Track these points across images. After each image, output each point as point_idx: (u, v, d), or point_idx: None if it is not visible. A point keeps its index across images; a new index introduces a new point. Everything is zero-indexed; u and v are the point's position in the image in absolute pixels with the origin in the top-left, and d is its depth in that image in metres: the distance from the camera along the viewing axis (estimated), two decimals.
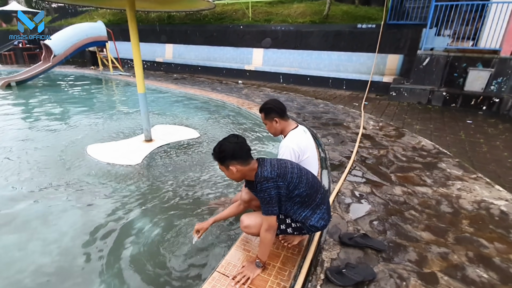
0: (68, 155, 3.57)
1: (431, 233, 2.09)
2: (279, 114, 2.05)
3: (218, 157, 1.61)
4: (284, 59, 9.13)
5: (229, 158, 1.58)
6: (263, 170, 1.57)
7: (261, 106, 2.11)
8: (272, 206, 1.56)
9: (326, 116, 5.26)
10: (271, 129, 2.11)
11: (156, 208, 2.54)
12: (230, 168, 1.59)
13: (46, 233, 2.26)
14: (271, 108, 2.05)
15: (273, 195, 1.54)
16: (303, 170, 1.70)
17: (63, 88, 8.33)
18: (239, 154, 1.58)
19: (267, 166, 1.59)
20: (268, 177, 1.54)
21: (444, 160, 3.42)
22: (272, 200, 1.54)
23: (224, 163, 1.60)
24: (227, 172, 1.64)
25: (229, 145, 1.58)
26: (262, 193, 1.55)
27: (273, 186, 1.54)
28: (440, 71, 6.65)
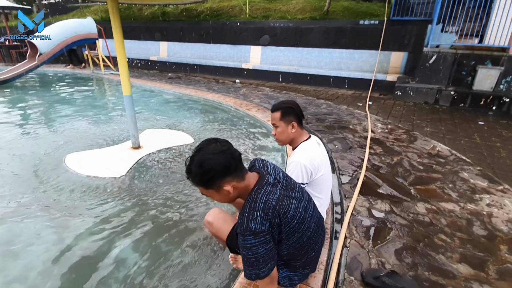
0: (45, 166, 3.17)
1: (468, 265, 1.74)
2: (298, 119, 1.69)
3: (203, 181, 1.11)
4: (283, 57, 8.75)
5: (221, 176, 1.10)
6: (251, 215, 1.07)
7: (278, 104, 1.71)
8: (261, 267, 1.11)
9: (330, 118, 4.90)
10: (283, 134, 1.70)
11: (143, 233, 2.16)
12: (224, 189, 1.11)
13: (9, 268, 1.87)
14: (292, 109, 1.67)
15: (261, 253, 1.08)
16: (308, 215, 1.23)
17: (50, 88, 7.87)
18: (233, 166, 1.11)
19: (259, 207, 1.08)
20: (256, 231, 1.06)
21: (465, 168, 3.08)
22: (259, 260, 1.09)
23: (214, 185, 1.11)
24: (218, 196, 1.15)
25: (214, 159, 1.09)
26: (244, 250, 1.09)
27: (262, 242, 1.07)
28: (448, 69, 6.33)
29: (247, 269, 1.13)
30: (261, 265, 1.10)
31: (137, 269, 1.85)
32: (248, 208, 1.09)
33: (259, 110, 5.29)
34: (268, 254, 1.10)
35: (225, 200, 1.18)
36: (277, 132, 1.73)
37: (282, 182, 1.21)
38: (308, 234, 1.23)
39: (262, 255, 1.09)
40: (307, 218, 1.22)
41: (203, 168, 1.09)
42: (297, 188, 1.26)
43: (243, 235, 1.07)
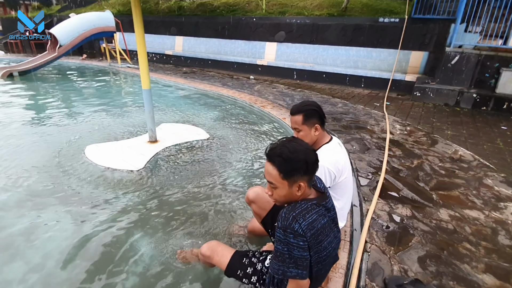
0: (65, 156, 3.25)
1: (493, 276, 1.68)
2: (321, 121, 1.61)
3: (288, 168, 1.07)
4: (298, 54, 8.65)
5: (303, 172, 1.07)
6: (297, 218, 1.06)
7: (299, 106, 1.62)
8: (290, 266, 1.09)
9: (346, 117, 4.82)
10: (306, 138, 1.61)
11: (160, 227, 2.18)
12: (299, 184, 1.08)
13: (30, 254, 1.93)
14: (315, 111, 1.59)
15: (295, 255, 1.07)
16: (333, 251, 1.23)
17: (68, 80, 8.05)
18: (312, 169, 1.10)
19: (307, 219, 1.08)
20: (297, 233, 1.06)
21: (488, 175, 2.97)
22: (291, 259, 1.08)
23: (293, 177, 1.08)
24: (285, 190, 1.10)
25: (307, 153, 1.08)
26: (281, 244, 1.09)
27: (299, 246, 1.07)
28: (470, 70, 6.10)
29: (276, 263, 1.11)
30: (291, 264, 1.08)
31: (154, 260, 1.87)
32: (299, 211, 1.08)
33: (274, 107, 5.25)
34: (301, 260, 1.08)
35: (286, 197, 1.13)
36: (299, 136, 1.63)
37: (333, 214, 1.21)
38: (326, 269, 1.28)
39: (299, 258, 1.08)
40: (332, 254, 1.21)
41: (295, 156, 1.06)
42: (337, 227, 1.26)
43: (284, 230, 1.06)
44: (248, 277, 1.41)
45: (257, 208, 1.65)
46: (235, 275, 1.45)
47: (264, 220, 1.63)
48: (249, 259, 1.46)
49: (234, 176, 2.99)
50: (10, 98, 5.74)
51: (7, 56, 12.12)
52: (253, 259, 1.46)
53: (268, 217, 1.62)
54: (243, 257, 1.47)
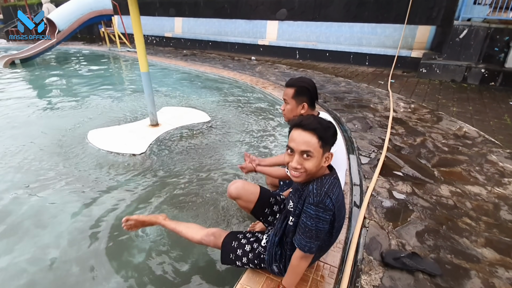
0: (68, 141, 3.28)
1: (494, 250, 1.69)
2: (311, 101, 1.61)
3: (328, 136, 1.15)
4: (300, 33, 8.40)
5: (332, 143, 1.18)
6: (328, 193, 1.13)
7: (294, 81, 1.62)
8: (315, 242, 1.17)
9: (349, 96, 4.73)
10: (291, 112, 1.65)
11: (164, 208, 2.23)
12: (325, 157, 1.16)
13: (41, 235, 2.00)
14: (306, 89, 1.58)
15: (321, 228, 1.15)
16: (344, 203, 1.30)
17: (68, 66, 7.99)
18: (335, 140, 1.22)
19: (335, 193, 1.15)
20: (328, 208, 1.13)
21: (493, 151, 2.92)
22: (317, 235, 1.16)
23: (328, 146, 1.17)
24: (318, 160, 1.14)
25: (333, 125, 1.20)
26: (310, 220, 1.14)
27: (326, 220, 1.14)
28: (479, 44, 5.87)
29: (304, 239, 1.17)
30: (316, 240, 1.17)
31: (160, 240, 1.92)
32: (327, 186, 1.15)
33: (276, 88, 5.18)
34: (322, 233, 1.17)
35: (316, 168, 1.16)
36: (285, 108, 1.67)
37: (340, 184, 1.26)
38: (338, 236, 1.34)
39: (321, 231, 1.15)
40: (339, 219, 1.25)
41: (331, 125, 1.17)
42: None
43: (316, 206, 1.12)
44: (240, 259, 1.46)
45: (243, 202, 1.58)
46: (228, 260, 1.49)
47: (253, 211, 1.60)
48: (239, 241, 1.48)
49: (236, 157, 3.00)
50: (13, 86, 5.76)
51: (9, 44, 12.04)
52: (244, 240, 1.49)
53: (256, 207, 1.58)
54: (233, 240, 1.49)
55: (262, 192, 1.59)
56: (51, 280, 1.67)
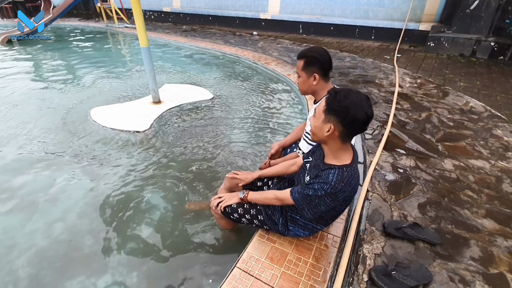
0: (71, 119, 3.28)
1: (494, 221, 1.72)
2: (323, 71, 1.54)
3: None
4: (304, 5, 8.06)
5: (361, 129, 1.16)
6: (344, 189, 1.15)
7: (304, 51, 1.56)
8: (309, 210, 1.27)
9: (354, 72, 4.63)
10: (303, 84, 1.59)
11: (169, 183, 2.27)
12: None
13: (49, 210, 2.06)
14: (316, 59, 1.51)
15: (322, 209, 1.24)
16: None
17: (66, 43, 7.81)
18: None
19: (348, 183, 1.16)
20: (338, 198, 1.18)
21: (499, 125, 2.89)
22: (315, 209, 1.25)
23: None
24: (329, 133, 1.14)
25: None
26: (316, 198, 1.21)
27: (329, 205, 1.21)
28: (490, 16, 5.62)
29: (300, 201, 1.27)
30: (310, 209, 1.26)
31: (167, 212, 1.98)
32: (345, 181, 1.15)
33: (278, 64, 5.06)
34: (319, 211, 1.25)
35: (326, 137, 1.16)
36: (298, 82, 1.63)
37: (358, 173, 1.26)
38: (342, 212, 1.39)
39: (317, 208, 1.24)
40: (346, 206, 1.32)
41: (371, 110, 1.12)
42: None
43: (328, 195, 1.17)
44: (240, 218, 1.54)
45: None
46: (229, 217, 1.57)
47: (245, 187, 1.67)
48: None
49: (238, 134, 3.01)
50: (11, 64, 5.67)
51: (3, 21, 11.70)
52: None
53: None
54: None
55: None
56: (62, 252, 1.74)
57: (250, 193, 1.48)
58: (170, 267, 1.63)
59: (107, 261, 1.67)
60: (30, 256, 1.71)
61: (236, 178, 1.66)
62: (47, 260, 1.69)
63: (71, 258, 1.70)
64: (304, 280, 1.35)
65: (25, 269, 1.64)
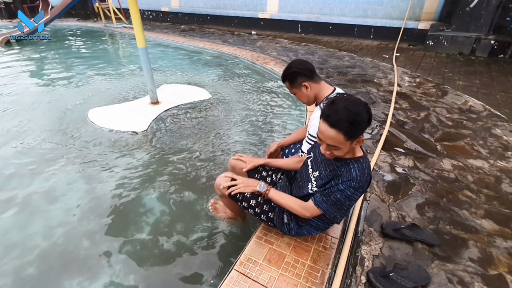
0: (69, 120, 3.27)
1: (493, 221, 1.71)
2: (308, 76, 1.56)
3: (355, 131, 1.07)
4: (303, 4, 8.05)
5: (364, 130, 1.10)
6: (368, 179, 1.16)
7: (283, 73, 1.60)
8: (343, 213, 1.27)
9: (353, 71, 4.62)
10: (303, 98, 1.62)
11: (167, 184, 2.26)
12: (356, 141, 1.10)
13: (47, 212, 2.05)
14: (296, 72, 1.55)
15: (350, 205, 1.23)
16: None
17: (65, 43, 7.79)
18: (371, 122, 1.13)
19: (367, 175, 1.17)
20: (365, 190, 1.21)
21: (498, 125, 2.89)
22: (346, 208, 1.24)
23: (357, 137, 1.10)
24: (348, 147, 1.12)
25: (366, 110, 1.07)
26: (344, 199, 1.20)
27: (357, 200, 1.21)
28: (490, 14, 5.62)
29: (333, 210, 1.24)
30: (343, 212, 1.26)
31: (163, 215, 1.97)
32: (367, 172, 1.17)
33: (277, 63, 5.05)
34: (349, 209, 1.27)
35: (346, 153, 1.16)
36: (297, 98, 1.67)
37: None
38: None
39: (348, 207, 1.24)
40: None
41: (361, 118, 1.06)
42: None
43: (357, 190, 1.17)
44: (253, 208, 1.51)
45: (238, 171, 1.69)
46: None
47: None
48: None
49: (236, 134, 3.00)
50: (9, 65, 5.65)
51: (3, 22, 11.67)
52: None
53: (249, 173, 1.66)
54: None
55: None
56: (60, 254, 1.73)
57: (272, 191, 1.39)
58: (167, 270, 1.62)
59: (104, 263, 1.66)
60: (28, 258, 1.70)
61: (240, 160, 1.66)
62: (45, 262, 1.68)
63: (69, 260, 1.69)
64: (302, 282, 1.34)
65: (22, 270, 1.63)
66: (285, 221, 1.48)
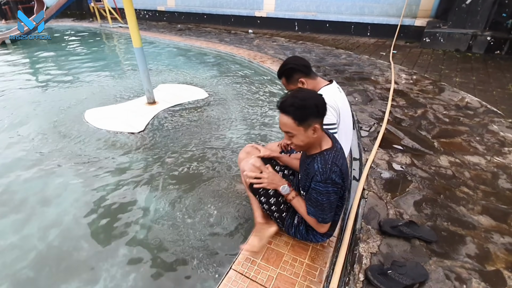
0: (65, 121, 3.25)
1: (490, 217, 1.72)
2: (304, 72, 1.58)
3: (301, 114, 1.14)
4: (299, 2, 8.03)
5: (315, 115, 1.16)
6: (333, 168, 1.18)
7: (279, 69, 1.62)
8: (327, 213, 1.26)
9: (350, 69, 4.62)
10: None
11: (164, 184, 2.25)
12: (311, 129, 1.17)
13: (43, 214, 2.04)
14: (292, 68, 1.58)
15: (332, 200, 1.23)
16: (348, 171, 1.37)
17: (60, 44, 7.74)
18: (323, 111, 1.19)
19: (339, 165, 1.20)
20: (335, 181, 1.19)
21: (495, 121, 2.90)
22: (328, 206, 1.24)
23: (307, 121, 1.16)
24: (304, 135, 1.19)
25: (315, 97, 1.17)
26: (320, 196, 1.21)
27: (335, 192, 1.22)
28: (487, 10, 5.61)
29: (315, 211, 1.26)
30: (327, 210, 1.25)
31: (160, 215, 1.96)
32: (330, 162, 1.19)
33: (274, 62, 5.04)
34: (334, 204, 1.25)
35: (305, 142, 1.21)
36: None
37: (343, 153, 1.29)
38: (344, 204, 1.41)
39: (331, 202, 1.23)
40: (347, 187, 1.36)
41: (306, 103, 1.15)
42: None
43: (324, 182, 1.18)
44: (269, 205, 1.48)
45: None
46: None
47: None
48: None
49: (234, 133, 2.99)
50: (5, 66, 5.61)
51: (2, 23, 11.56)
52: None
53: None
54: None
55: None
56: (57, 256, 1.72)
57: (296, 199, 1.36)
58: (165, 270, 1.61)
59: (102, 264, 1.65)
60: (24, 261, 1.69)
61: (256, 148, 1.68)
62: (42, 264, 1.67)
63: (67, 262, 1.68)
64: (300, 281, 1.34)
65: (19, 273, 1.62)
66: (295, 223, 1.46)
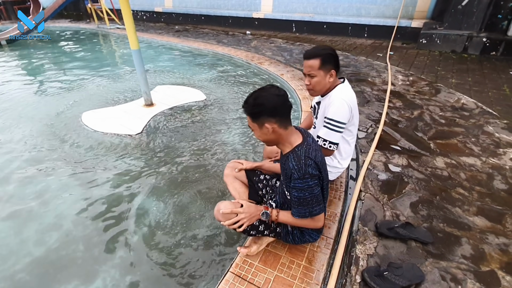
0: (63, 124, 3.24)
1: (485, 218, 1.73)
2: (338, 67, 1.53)
3: (252, 112, 1.21)
4: (297, 3, 8.05)
5: (267, 114, 1.20)
6: (307, 162, 1.18)
7: (315, 50, 1.50)
8: (314, 205, 1.24)
9: (347, 70, 4.64)
10: (319, 84, 1.53)
11: (162, 186, 2.26)
12: (266, 126, 1.20)
13: (43, 217, 2.03)
14: (332, 56, 1.48)
15: (316, 193, 1.22)
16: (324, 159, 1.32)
17: (57, 45, 7.71)
18: (279, 111, 1.21)
19: (312, 158, 1.20)
20: (313, 174, 1.19)
21: (490, 122, 2.92)
22: (314, 199, 1.23)
23: (259, 119, 1.21)
24: (259, 131, 1.25)
25: (268, 98, 1.19)
26: (302, 192, 1.21)
27: (316, 184, 1.21)
28: (482, 11, 5.66)
29: (301, 209, 1.25)
30: (314, 204, 1.24)
31: (157, 218, 1.96)
32: (303, 157, 1.20)
33: (272, 63, 5.05)
34: (320, 196, 1.25)
35: (263, 138, 1.27)
36: (312, 82, 1.54)
37: (316, 145, 1.31)
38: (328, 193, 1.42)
39: (316, 195, 1.23)
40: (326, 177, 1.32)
41: (256, 102, 1.19)
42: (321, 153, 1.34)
43: (303, 178, 1.19)
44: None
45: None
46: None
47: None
48: None
49: (231, 135, 2.99)
50: (1, 67, 5.58)
51: None
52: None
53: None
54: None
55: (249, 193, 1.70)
56: (57, 258, 1.72)
57: (281, 214, 1.33)
58: (163, 272, 1.61)
59: (100, 266, 1.65)
60: (23, 263, 1.69)
61: (238, 162, 1.68)
62: (41, 267, 1.67)
63: (65, 264, 1.68)
64: (297, 283, 1.35)
65: (17, 276, 1.62)
66: (289, 230, 1.44)
